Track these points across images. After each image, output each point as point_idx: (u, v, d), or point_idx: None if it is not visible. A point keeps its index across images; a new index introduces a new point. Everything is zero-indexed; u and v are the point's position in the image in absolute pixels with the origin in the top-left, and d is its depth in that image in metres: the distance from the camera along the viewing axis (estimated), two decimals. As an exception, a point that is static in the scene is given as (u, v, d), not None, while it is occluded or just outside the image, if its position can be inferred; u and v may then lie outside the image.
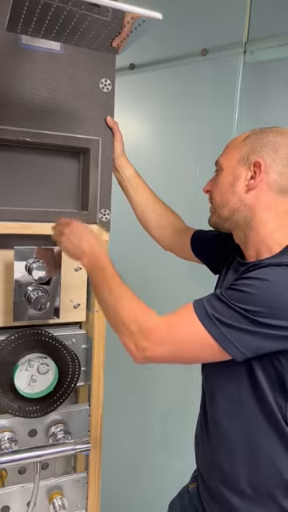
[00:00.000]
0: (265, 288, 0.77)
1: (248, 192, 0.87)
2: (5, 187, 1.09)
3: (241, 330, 0.77)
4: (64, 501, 1.14)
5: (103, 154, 1.14)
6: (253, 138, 0.89)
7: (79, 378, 1.16)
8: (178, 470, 1.71)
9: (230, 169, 0.91)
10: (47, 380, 1.13)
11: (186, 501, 1.04)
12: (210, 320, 0.78)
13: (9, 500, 1.11)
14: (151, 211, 1.19)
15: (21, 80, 1.03)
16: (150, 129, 1.81)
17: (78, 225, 0.96)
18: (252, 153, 0.88)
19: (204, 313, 0.79)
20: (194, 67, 1.60)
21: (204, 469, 0.97)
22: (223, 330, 0.77)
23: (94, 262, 0.91)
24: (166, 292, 1.75)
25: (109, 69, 1.13)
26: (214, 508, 0.94)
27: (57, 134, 1.08)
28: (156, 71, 1.71)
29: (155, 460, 1.82)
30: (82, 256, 0.93)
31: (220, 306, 0.79)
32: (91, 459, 1.20)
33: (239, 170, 0.89)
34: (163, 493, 1.75)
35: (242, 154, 0.89)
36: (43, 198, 1.14)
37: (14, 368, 1.09)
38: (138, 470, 1.88)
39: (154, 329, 0.81)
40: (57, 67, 1.07)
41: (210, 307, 0.79)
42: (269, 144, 0.87)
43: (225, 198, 0.90)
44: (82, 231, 0.95)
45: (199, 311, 0.79)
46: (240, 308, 0.77)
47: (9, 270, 1.07)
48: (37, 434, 1.14)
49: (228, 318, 0.77)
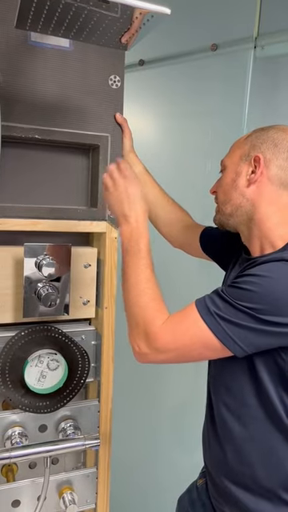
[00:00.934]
0: (265, 285, 0.77)
1: (249, 186, 0.89)
2: (14, 184, 1.09)
3: (242, 327, 0.77)
4: (74, 495, 1.15)
5: (112, 150, 1.14)
6: (254, 136, 0.92)
7: (89, 374, 1.17)
8: (187, 465, 1.72)
9: (232, 167, 0.93)
10: (57, 376, 1.14)
11: (194, 496, 1.04)
12: (212, 317, 0.78)
13: (19, 494, 1.12)
14: (160, 208, 1.18)
15: (30, 77, 1.03)
16: (160, 125, 1.80)
17: (135, 186, 0.91)
18: (253, 149, 0.90)
19: (206, 310, 0.80)
20: (204, 63, 1.59)
21: (211, 465, 0.97)
22: (225, 327, 0.78)
23: (134, 239, 0.89)
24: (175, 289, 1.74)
25: (118, 65, 1.12)
26: (222, 504, 0.94)
27: (66, 130, 1.08)
28: (166, 67, 1.70)
29: (164, 455, 1.82)
30: (124, 224, 0.90)
31: (222, 303, 0.79)
32: (101, 455, 1.21)
33: (241, 167, 0.91)
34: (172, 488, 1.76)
35: (244, 152, 0.92)
36: (52, 194, 1.14)
37: (24, 364, 1.09)
38: (147, 466, 1.89)
39: (158, 337, 0.82)
40: (66, 64, 1.07)
41: (212, 305, 0.80)
42: (268, 139, 0.89)
43: (228, 194, 0.92)
44: (136, 196, 0.90)
45: (201, 309, 0.80)
46: (242, 306, 0.77)
47: (19, 266, 1.08)
48: (47, 430, 1.15)
49: (230, 316, 0.77)
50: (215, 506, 0.96)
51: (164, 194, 1.20)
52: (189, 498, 1.07)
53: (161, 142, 1.78)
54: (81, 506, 1.18)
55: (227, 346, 0.79)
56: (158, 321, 0.83)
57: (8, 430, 1.10)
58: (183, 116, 1.69)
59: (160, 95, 1.76)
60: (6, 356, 1.08)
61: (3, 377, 1.08)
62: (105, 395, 1.20)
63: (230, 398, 0.90)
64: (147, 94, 1.78)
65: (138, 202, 0.90)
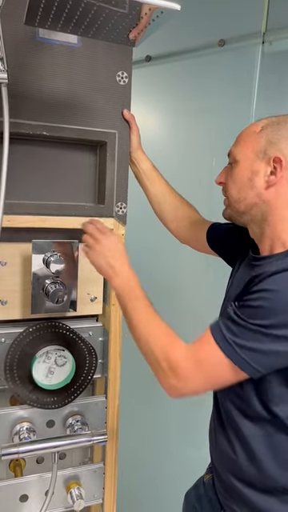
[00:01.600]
0: (273, 298, 0.76)
1: (268, 188, 0.85)
2: (22, 181, 1.10)
3: (260, 352, 0.76)
4: (81, 490, 1.16)
5: (120, 147, 1.14)
6: (269, 130, 0.86)
7: (96, 370, 1.17)
8: (194, 460, 1.72)
9: (246, 162, 0.87)
10: (65, 372, 1.14)
11: (201, 491, 1.05)
12: (229, 346, 0.77)
13: (27, 489, 1.13)
14: (167, 204, 1.18)
15: (38, 73, 1.03)
16: (167, 121, 1.80)
17: (114, 240, 0.95)
18: (270, 146, 0.85)
19: (223, 339, 0.78)
20: (211, 59, 1.58)
21: (217, 461, 0.97)
22: (243, 354, 0.77)
23: (127, 287, 0.91)
24: (182, 285, 1.75)
25: (126, 61, 1.12)
26: (228, 499, 0.94)
27: (73, 127, 1.08)
28: (173, 63, 1.69)
29: (171, 450, 1.83)
30: (115, 277, 0.92)
31: (237, 328, 0.78)
32: (108, 450, 1.21)
33: (257, 165, 0.86)
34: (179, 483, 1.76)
35: (260, 147, 0.86)
36: (60, 191, 1.14)
37: (32, 360, 1.10)
38: (153, 461, 1.89)
39: (181, 366, 0.81)
40: (74, 60, 1.06)
41: (228, 332, 0.79)
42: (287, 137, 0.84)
43: (242, 192, 0.88)
44: (119, 249, 0.94)
45: (218, 338, 0.79)
46: (254, 324, 0.76)
47: (27, 263, 1.08)
48: (54, 425, 1.16)
49: (247, 340, 0.77)
50: (222, 501, 0.96)
51: (171, 189, 1.20)
52: (195, 494, 1.07)
53: (168, 139, 1.78)
54: (88, 501, 1.19)
55: (247, 372, 0.79)
56: (177, 352, 0.83)
57: (16, 426, 1.11)
58: (190, 112, 1.69)
59: (167, 91, 1.76)
60: (14, 352, 1.08)
61: (11, 373, 1.08)
62: (112, 391, 1.20)
63: (235, 396, 0.90)
64: (154, 91, 1.78)
65: (120, 251, 0.94)
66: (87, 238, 0.96)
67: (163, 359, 0.82)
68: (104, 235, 0.95)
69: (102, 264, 0.93)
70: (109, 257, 0.92)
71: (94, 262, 0.95)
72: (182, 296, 1.73)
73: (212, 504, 0.99)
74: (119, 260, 0.93)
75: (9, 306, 1.08)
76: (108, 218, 1.15)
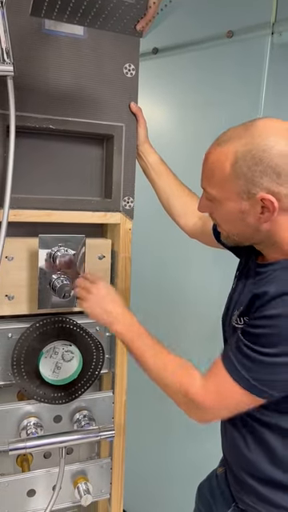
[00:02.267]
0: (278, 325, 0.76)
1: (263, 224, 0.80)
2: (28, 175, 1.09)
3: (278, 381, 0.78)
4: (88, 486, 1.16)
5: (127, 140, 1.12)
6: (245, 167, 0.77)
7: (103, 366, 1.17)
8: (199, 454, 1.72)
9: (231, 204, 0.81)
10: (72, 367, 1.14)
11: (214, 484, 1.05)
12: (247, 381, 0.79)
13: (35, 484, 1.13)
14: (176, 198, 1.17)
15: (44, 66, 1.02)
16: (174, 115, 1.78)
17: (106, 286, 0.96)
18: (252, 185, 0.77)
19: (238, 374, 0.80)
20: (220, 50, 1.56)
21: (229, 456, 0.97)
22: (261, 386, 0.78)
23: (130, 328, 0.91)
24: (191, 280, 1.73)
25: (133, 53, 1.10)
26: (240, 493, 0.94)
27: (80, 120, 1.07)
28: (180, 55, 1.67)
29: (177, 445, 1.82)
30: (115, 322, 0.92)
31: (248, 362, 0.79)
32: (115, 446, 1.21)
33: (245, 206, 0.79)
34: (186, 477, 1.76)
35: (241, 188, 0.78)
36: (67, 185, 1.13)
37: (39, 355, 1.10)
38: (160, 455, 1.89)
39: (202, 400, 0.83)
40: (80, 52, 1.05)
41: (241, 366, 0.79)
42: (268, 170, 0.75)
43: (237, 228, 0.84)
44: (110, 293, 0.94)
45: (234, 374, 0.80)
46: (263, 354, 0.77)
47: (33, 257, 1.07)
48: (62, 420, 1.16)
49: (262, 374, 0.78)
50: (234, 494, 0.96)
51: (180, 184, 1.18)
52: (208, 486, 1.07)
53: (175, 132, 1.76)
54: (95, 496, 1.19)
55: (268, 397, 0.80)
56: (195, 386, 0.84)
57: (23, 421, 1.11)
58: (198, 105, 1.67)
59: (174, 84, 1.73)
60: (21, 347, 1.08)
61: (18, 368, 1.08)
62: (119, 387, 1.20)
63: None
64: (161, 84, 1.76)
65: (112, 295, 0.95)
66: (80, 291, 0.97)
67: (183, 395, 0.84)
68: (94, 284, 0.96)
69: (98, 312, 0.94)
70: (103, 303, 0.93)
71: (91, 313, 0.95)
72: (189, 292, 1.72)
73: (224, 497, 0.99)
74: (113, 304, 0.93)
75: (15, 301, 1.08)
76: (115, 212, 1.14)
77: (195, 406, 0.83)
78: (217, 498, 1.01)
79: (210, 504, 1.04)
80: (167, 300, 1.80)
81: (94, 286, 0.95)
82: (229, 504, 0.97)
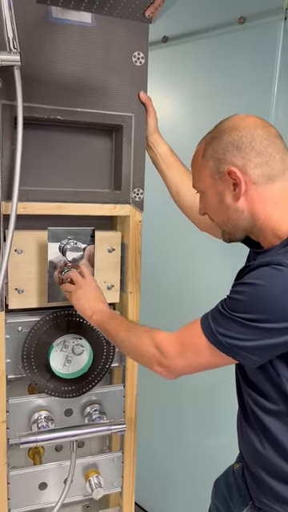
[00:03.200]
0: (256, 293, 0.77)
1: (239, 200, 0.84)
2: (37, 167, 1.07)
3: (247, 341, 0.78)
4: (100, 479, 1.16)
5: (136, 130, 1.10)
6: (210, 149, 0.86)
7: (114, 359, 1.16)
8: (212, 447, 1.71)
9: (210, 189, 0.88)
10: (82, 361, 1.13)
11: (231, 480, 1.03)
12: (215, 336, 0.80)
13: (46, 477, 1.13)
14: (186, 190, 1.14)
15: (51, 55, 1.00)
16: (184, 104, 1.74)
17: (92, 286, 1.04)
18: (219, 163, 0.84)
19: (209, 330, 0.81)
20: (231, 37, 1.52)
21: (245, 454, 0.95)
22: (228, 344, 0.79)
23: (105, 316, 1.00)
24: (200, 273, 1.71)
25: (142, 41, 1.08)
26: (257, 492, 0.93)
27: (88, 111, 1.05)
28: (190, 43, 1.63)
29: (189, 438, 1.82)
30: (95, 313, 1.01)
31: (222, 320, 0.79)
32: (126, 439, 1.20)
33: (219, 186, 0.85)
34: (198, 471, 1.76)
35: (211, 170, 0.86)
36: (76, 177, 1.12)
37: (50, 349, 1.09)
38: (172, 449, 1.89)
39: (167, 345, 0.87)
40: (88, 41, 1.03)
41: (214, 323, 0.81)
42: (228, 146, 0.83)
43: (222, 215, 0.89)
44: (96, 291, 1.04)
45: (205, 328, 0.82)
46: (238, 317, 0.77)
47: (43, 251, 1.06)
48: (72, 414, 1.15)
49: (233, 332, 0.78)
50: (251, 493, 0.95)
51: (190, 175, 1.15)
52: (225, 482, 1.06)
53: (186, 123, 1.73)
54: (107, 490, 1.18)
55: (237, 359, 0.81)
56: (162, 335, 0.89)
57: (34, 414, 1.10)
58: (209, 95, 1.63)
59: (184, 73, 1.70)
60: (31, 341, 1.08)
61: (29, 361, 1.08)
62: (130, 380, 1.19)
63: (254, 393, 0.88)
64: (171, 73, 1.72)
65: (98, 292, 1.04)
66: (69, 285, 1.04)
67: (150, 343, 0.88)
68: (84, 280, 1.04)
69: (83, 306, 1.02)
70: (91, 300, 1.02)
71: (78, 306, 1.02)
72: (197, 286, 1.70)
73: (241, 494, 0.98)
74: (98, 299, 1.03)
75: (25, 295, 1.07)
76: (124, 204, 1.12)
77: (161, 353, 0.86)
78: (234, 495, 1.00)
79: (226, 501, 1.02)
80: (175, 294, 1.78)
81: (82, 287, 1.03)
82: (246, 502, 0.95)
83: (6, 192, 0.99)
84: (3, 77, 0.95)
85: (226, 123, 0.86)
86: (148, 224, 1.21)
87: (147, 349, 0.89)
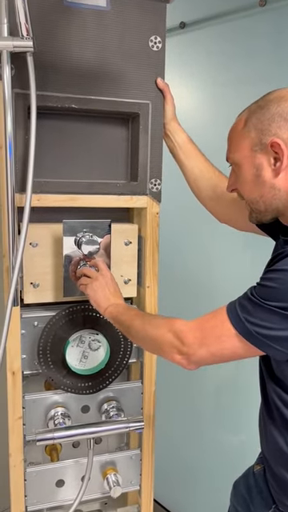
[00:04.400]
0: (283, 279, 0.73)
1: (278, 176, 0.80)
2: (51, 158, 1.05)
3: (277, 330, 0.74)
4: (118, 477, 1.14)
5: (153, 118, 1.06)
6: (254, 119, 0.81)
7: (131, 355, 1.13)
8: (232, 445, 1.67)
9: (247, 161, 0.83)
10: (99, 356, 1.11)
11: (251, 482, 1.00)
12: (242, 325, 0.76)
13: (63, 474, 1.12)
14: (205, 180, 1.10)
15: (65, 41, 0.97)
16: (203, 93, 1.69)
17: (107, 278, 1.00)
18: (262, 135, 0.80)
19: (237, 318, 0.77)
20: (252, 21, 1.46)
21: (268, 453, 0.91)
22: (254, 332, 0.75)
23: (122, 309, 0.96)
24: (219, 266, 1.67)
25: (159, 25, 1.04)
26: (280, 493, 0.89)
27: (104, 99, 1.02)
28: (209, 28, 1.57)
29: (208, 435, 1.78)
30: (110, 307, 0.97)
31: (251, 307, 0.76)
32: (144, 437, 1.18)
33: (258, 159, 0.81)
34: (218, 469, 1.72)
35: (253, 141, 0.81)
36: (91, 168, 1.09)
37: (66, 344, 1.07)
38: (190, 446, 1.86)
39: (186, 331, 0.82)
40: (103, 25, 0.99)
41: (242, 310, 0.77)
42: (275, 117, 0.78)
43: (255, 192, 0.84)
44: (112, 285, 1.00)
45: (232, 316, 0.78)
46: (269, 305, 0.73)
47: (58, 244, 1.04)
48: (89, 411, 1.13)
49: (263, 321, 0.74)
50: (274, 496, 0.91)
51: (209, 165, 1.11)
52: (245, 484, 1.02)
53: (205, 112, 1.68)
54: (125, 488, 1.16)
55: (264, 350, 0.77)
56: (181, 322, 0.84)
57: (51, 411, 1.09)
58: (228, 82, 1.57)
59: (203, 60, 1.64)
60: (47, 336, 1.05)
61: (45, 357, 1.06)
62: (148, 376, 1.16)
63: (279, 389, 0.84)
64: (189, 60, 1.67)
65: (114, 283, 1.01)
66: (84, 279, 1.01)
67: (168, 331, 0.83)
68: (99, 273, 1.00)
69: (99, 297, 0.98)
70: (106, 292, 0.98)
71: (91, 298, 0.99)
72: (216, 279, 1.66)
73: (263, 496, 0.94)
74: (113, 294, 0.99)
75: (41, 289, 1.05)
76: (141, 195, 1.09)
77: (180, 341, 0.82)
78: (254, 498, 0.96)
79: (247, 503, 0.99)
80: (192, 288, 1.74)
81: (99, 274, 0.99)
82: (268, 505, 0.92)
83: (19, 184, 0.97)
84: (16, 64, 0.92)
85: (276, 93, 0.81)
86: (164, 215, 1.17)
87: (165, 337, 0.84)
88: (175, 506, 1.95)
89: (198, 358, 0.82)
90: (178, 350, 0.82)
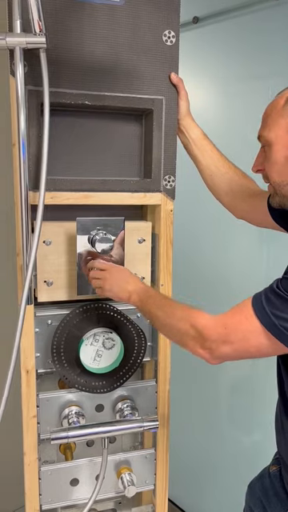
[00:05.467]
0: None
1: None
2: (64, 155, 1.04)
3: None
4: (132, 476, 1.13)
5: (167, 114, 1.05)
6: None
7: (145, 354, 1.12)
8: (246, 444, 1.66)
9: (280, 141, 0.80)
10: (113, 355, 1.10)
11: (266, 483, 0.98)
12: (269, 319, 0.73)
13: (77, 473, 1.11)
14: (221, 176, 1.08)
15: (78, 36, 0.96)
16: (217, 88, 1.67)
17: (116, 268, 0.98)
18: None
19: (262, 311, 0.74)
20: (266, 15, 1.43)
21: (285, 452, 0.89)
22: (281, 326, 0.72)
23: (143, 296, 0.93)
24: (234, 263, 1.65)
25: (172, 19, 1.02)
26: (299, 496, 0.87)
27: (117, 95, 1.01)
28: (222, 23, 1.55)
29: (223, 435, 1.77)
30: (131, 295, 0.94)
31: (278, 301, 0.73)
32: (159, 437, 1.17)
33: None
34: (231, 469, 1.71)
35: None
36: (104, 165, 1.08)
37: (80, 343, 1.06)
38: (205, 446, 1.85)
39: (210, 327, 0.80)
40: (116, 20, 0.98)
41: (268, 304, 0.74)
42: None
43: (284, 175, 0.81)
44: (124, 272, 0.97)
45: (257, 309, 0.75)
46: None
47: (71, 242, 1.03)
48: (104, 409, 1.13)
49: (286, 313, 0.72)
50: None
51: (225, 159, 1.09)
52: (261, 485, 1.01)
53: (218, 108, 1.66)
54: (139, 487, 1.15)
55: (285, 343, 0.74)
56: (204, 317, 0.82)
57: (65, 409, 1.08)
58: (243, 78, 1.55)
59: (217, 55, 1.62)
60: (60, 334, 1.05)
61: (58, 355, 1.05)
62: (162, 375, 1.15)
63: None
64: (202, 55, 1.65)
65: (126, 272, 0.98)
66: (95, 281, 0.98)
67: (190, 327, 0.82)
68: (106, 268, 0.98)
69: (115, 291, 0.95)
70: (121, 282, 0.95)
71: (109, 292, 0.96)
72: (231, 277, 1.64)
73: (279, 498, 0.92)
74: (130, 280, 0.95)
75: (54, 287, 1.04)
76: (155, 192, 1.07)
77: (202, 337, 0.80)
78: (271, 499, 0.95)
79: (263, 505, 0.97)
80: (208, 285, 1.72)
81: (107, 272, 0.97)
82: (285, 507, 0.90)
83: (33, 181, 0.96)
84: (29, 61, 0.92)
85: None
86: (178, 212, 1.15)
87: (188, 332, 0.82)
88: (190, 506, 1.94)
89: (221, 354, 0.80)
90: (201, 344, 0.80)
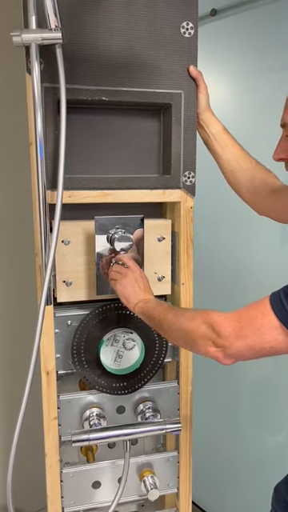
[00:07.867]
0: None
1: None
2: (81, 153, 1.02)
3: None
4: (155, 479, 1.11)
5: (186, 109, 1.02)
6: None
7: (166, 354, 1.10)
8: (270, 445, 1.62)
9: None
10: (133, 356, 1.08)
11: None
12: (286, 314, 0.70)
13: (100, 475, 1.10)
14: (242, 171, 1.05)
15: (94, 31, 0.94)
16: (237, 83, 1.63)
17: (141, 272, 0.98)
18: None
19: (281, 307, 0.71)
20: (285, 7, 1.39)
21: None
22: None
23: (151, 303, 0.92)
24: (256, 261, 1.61)
25: (191, 10, 0.99)
26: None
27: (135, 90, 0.98)
28: (242, 14, 1.51)
29: (245, 436, 1.73)
30: (139, 302, 0.94)
31: None
32: (182, 439, 1.14)
33: None
34: (255, 471, 1.67)
35: None
36: (122, 162, 1.06)
37: (100, 343, 1.05)
38: (228, 447, 1.81)
39: (222, 322, 0.76)
40: (133, 13, 0.95)
41: (287, 300, 0.71)
42: None
43: None
44: (146, 280, 0.97)
45: (275, 305, 0.72)
46: None
47: (90, 241, 1.01)
48: (125, 411, 1.11)
49: None
50: None
51: (246, 154, 1.06)
52: (286, 488, 0.97)
53: (240, 102, 1.62)
54: (162, 491, 1.13)
55: None
56: (216, 314, 0.79)
57: (86, 411, 1.07)
58: (261, 70, 1.51)
59: (236, 48, 1.58)
60: (80, 335, 1.03)
61: (79, 356, 1.04)
62: (184, 376, 1.12)
63: None
64: (221, 49, 1.61)
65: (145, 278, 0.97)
66: (114, 274, 0.98)
67: (202, 323, 0.78)
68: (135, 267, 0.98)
69: (129, 292, 0.95)
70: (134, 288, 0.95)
71: (120, 295, 0.96)
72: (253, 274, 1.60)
73: None
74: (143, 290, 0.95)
75: (73, 287, 1.03)
76: (174, 189, 1.05)
77: (215, 333, 0.76)
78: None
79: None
80: (229, 285, 1.69)
81: (129, 270, 0.96)
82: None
83: (50, 180, 0.95)
84: (45, 58, 0.90)
85: None
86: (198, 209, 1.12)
87: (199, 328, 0.78)
88: (214, 509, 1.91)
89: (234, 351, 0.76)
90: (214, 342, 0.76)
